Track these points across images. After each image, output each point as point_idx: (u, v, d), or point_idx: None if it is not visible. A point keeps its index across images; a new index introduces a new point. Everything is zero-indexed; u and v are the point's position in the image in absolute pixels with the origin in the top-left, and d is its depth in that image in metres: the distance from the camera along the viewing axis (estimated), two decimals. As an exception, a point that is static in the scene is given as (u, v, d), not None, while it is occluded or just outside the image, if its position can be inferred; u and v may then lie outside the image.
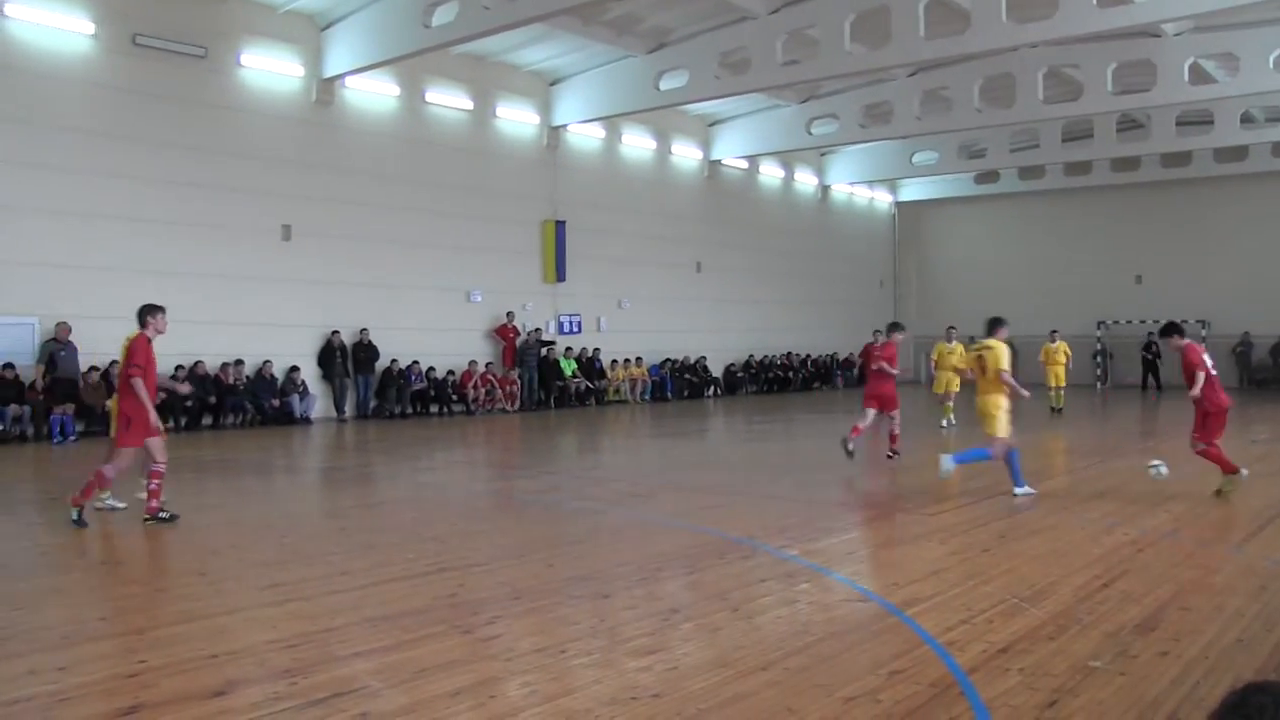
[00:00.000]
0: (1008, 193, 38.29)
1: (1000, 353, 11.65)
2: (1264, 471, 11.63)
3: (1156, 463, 11.55)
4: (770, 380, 33.53)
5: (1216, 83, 24.73)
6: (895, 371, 15.33)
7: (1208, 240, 35.36)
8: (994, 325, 12.06)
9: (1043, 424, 22.27)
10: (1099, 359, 36.43)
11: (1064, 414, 23.57)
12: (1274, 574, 7.83)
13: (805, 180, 37.09)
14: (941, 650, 5.90)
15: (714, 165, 32.55)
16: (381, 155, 23.71)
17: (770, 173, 35.45)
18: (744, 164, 33.93)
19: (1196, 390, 11.16)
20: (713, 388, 31.53)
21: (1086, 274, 37.53)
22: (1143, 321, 35.48)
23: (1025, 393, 11.73)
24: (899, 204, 41.89)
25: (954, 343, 21.92)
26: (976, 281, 39.94)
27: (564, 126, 27.46)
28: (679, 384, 30.19)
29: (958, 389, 21.33)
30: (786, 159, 35.50)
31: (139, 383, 9.91)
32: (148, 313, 10.27)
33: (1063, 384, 24.09)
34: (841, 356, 37.36)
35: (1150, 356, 34.04)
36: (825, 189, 37.93)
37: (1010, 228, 39.82)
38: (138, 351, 10.01)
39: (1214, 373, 11.38)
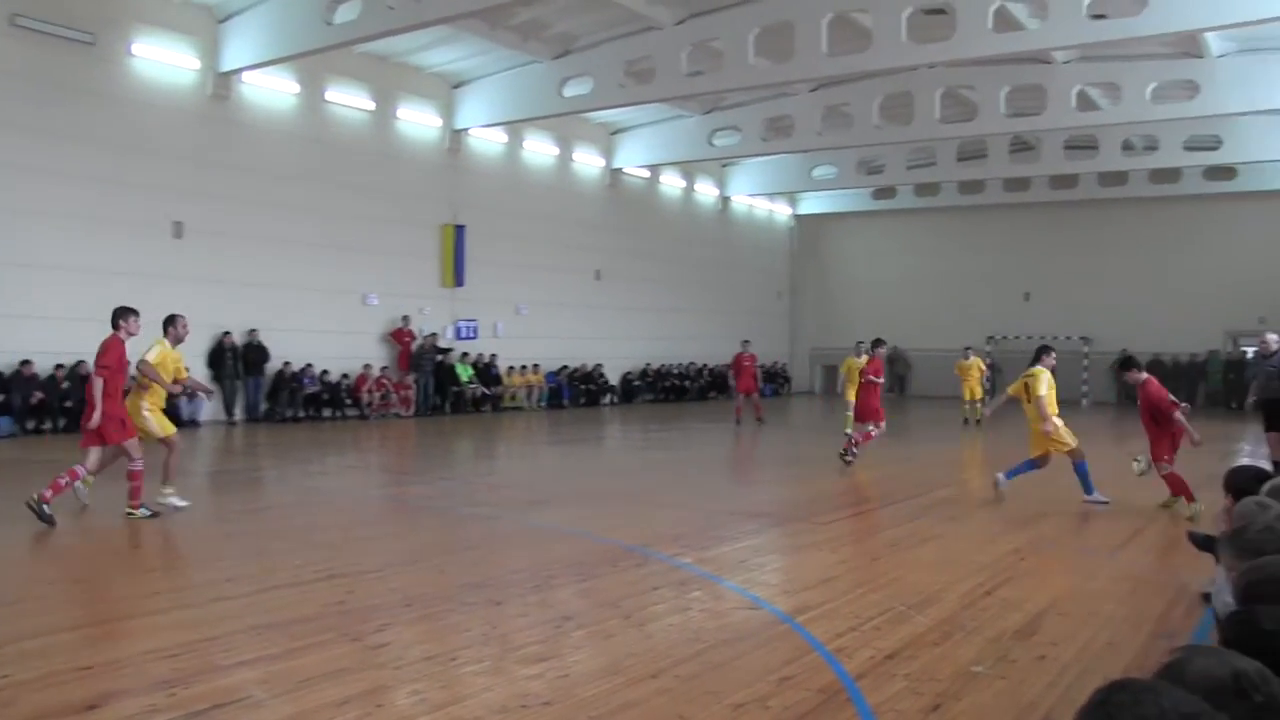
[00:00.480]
0: (904, 208, 39.05)
1: (1040, 379, 12.18)
2: (1140, 484, 12.04)
3: (1138, 459, 11.80)
4: (667, 389, 33.68)
5: (1101, 110, 25.58)
6: (880, 381, 16.36)
7: (1091, 260, 36.56)
8: (1040, 353, 12.52)
9: (947, 436, 22.77)
10: (988, 373, 37.39)
11: (976, 425, 24.10)
12: (1143, 579, 8.12)
13: (706, 191, 37.37)
14: (830, 657, 5.99)
15: (615, 174, 32.62)
16: (279, 153, 23.25)
17: (671, 183, 35.65)
18: (645, 173, 34.06)
19: (1179, 420, 11.40)
20: (609, 395, 31.56)
21: (978, 290, 38.50)
22: (1030, 338, 36.48)
23: (1049, 426, 12.10)
24: (798, 217, 42.42)
25: (863, 356, 22.31)
26: (872, 294, 40.72)
27: (466, 130, 27.26)
28: (576, 391, 30.17)
29: None
30: (688, 169, 35.74)
31: (99, 383, 9.99)
32: (120, 316, 10.41)
33: (979, 398, 24.88)
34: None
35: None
36: (726, 200, 38.26)
37: (906, 243, 40.60)
38: (108, 352, 10.12)
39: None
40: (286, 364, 23.07)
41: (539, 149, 29.96)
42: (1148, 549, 9.51)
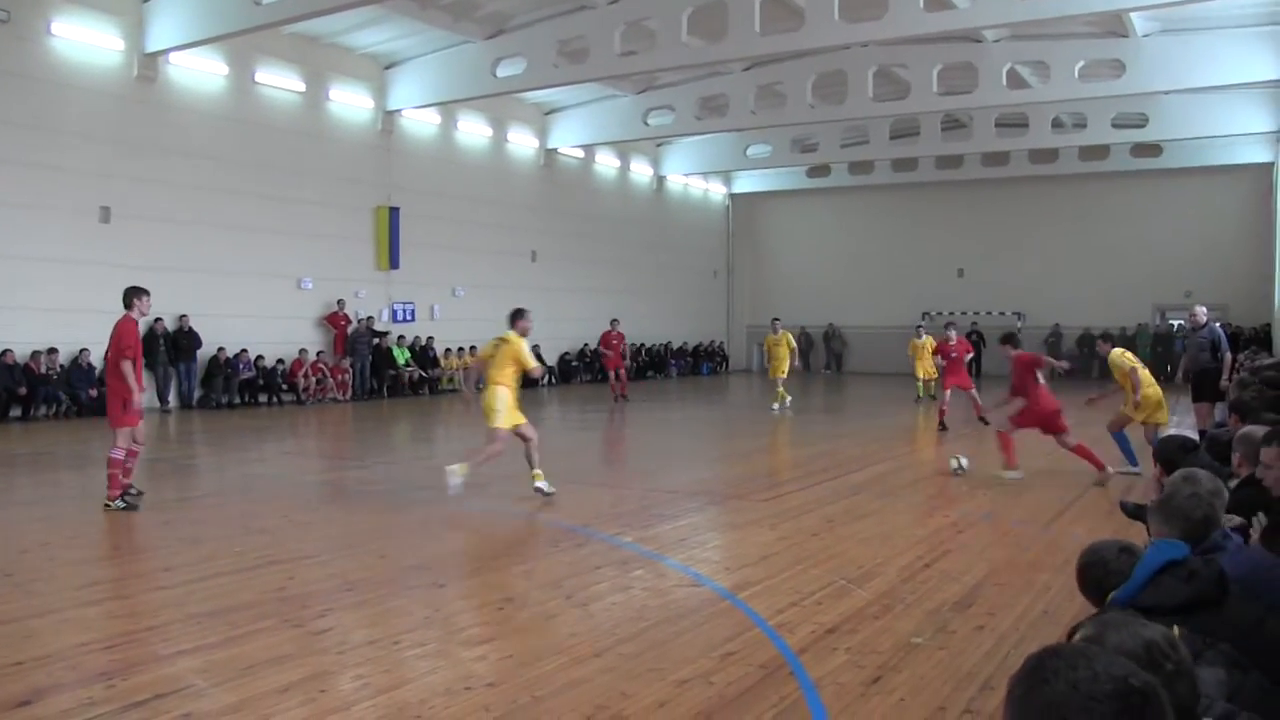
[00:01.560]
0: (838, 187, 39.18)
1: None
2: (1070, 456, 12.27)
3: (958, 460, 12.47)
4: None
5: (1031, 88, 25.91)
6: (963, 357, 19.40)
7: (1023, 236, 37.10)
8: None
9: (882, 411, 23.01)
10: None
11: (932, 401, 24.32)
12: (1077, 548, 8.24)
13: (641, 170, 37.37)
14: (772, 632, 6.06)
15: (550, 154, 32.48)
16: (208, 136, 22.79)
17: (606, 162, 35.61)
18: (580, 153, 33.95)
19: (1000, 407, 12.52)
20: (547, 377, 31.53)
21: (912, 267, 38.89)
22: (964, 313, 37.00)
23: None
24: (733, 195, 42.54)
25: (780, 332, 22.59)
26: (808, 272, 41.01)
27: (399, 111, 26.98)
28: (515, 373, 30.04)
29: (785, 374, 22.06)
30: (623, 149, 35.69)
31: (129, 365, 10.21)
32: (134, 295, 10.40)
33: (933, 375, 24.63)
34: (676, 345, 37.82)
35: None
36: (661, 179, 38.27)
37: (840, 221, 40.87)
38: (127, 334, 10.23)
39: (1042, 381, 12.46)
40: (220, 350, 22.74)
41: (473, 130, 29.75)
42: (1080, 520, 9.70)
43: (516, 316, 11.29)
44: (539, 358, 30.83)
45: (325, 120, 25.50)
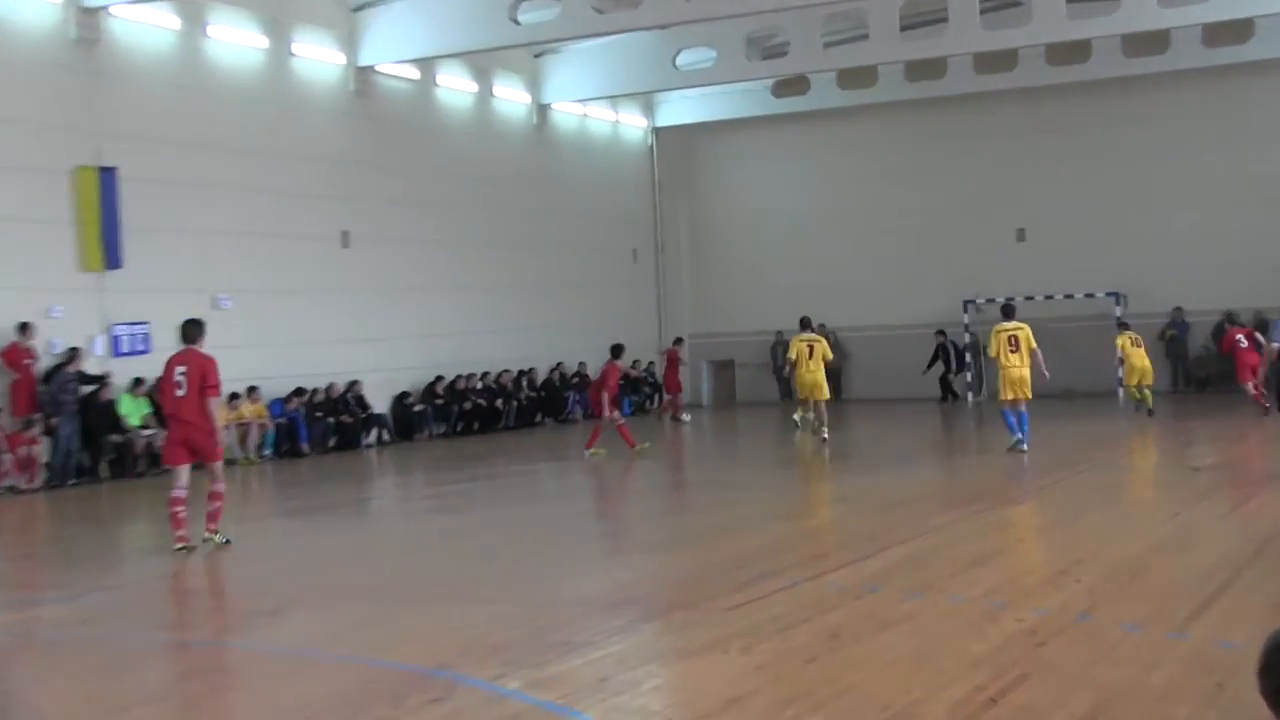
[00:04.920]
0: (823, 109, 39.45)
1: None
2: (1212, 514, 12.41)
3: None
4: (468, 414, 33.53)
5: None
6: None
7: (1119, 177, 37.34)
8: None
9: (907, 458, 23.12)
10: (965, 357, 37.73)
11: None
12: (1233, 664, 8.31)
13: (512, 96, 37.42)
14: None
15: (365, 75, 32.25)
16: None
17: (456, 85, 35.52)
18: (414, 73, 33.81)
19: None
20: (375, 430, 31.39)
21: (945, 230, 39.11)
22: (1030, 298, 37.23)
23: None
24: (659, 130, 42.76)
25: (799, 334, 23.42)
26: (780, 247, 41.06)
27: (106, 8, 26.58)
28: (320, 427, 29.81)
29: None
30: (481, 64, 35.58)
31: (214, 402, 15.98)
32: (201, 330, 16.19)
33: (1149, 381, 27.58)
34: (573, 372, 37.62)
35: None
36: (544, 109, 38.28)
37: (827, 162, 41.11)
38: (215, 371, 15.98)
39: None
40: None
41: (234, 38, 29.42)
42: (1236, 616, 9.76)
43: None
44: (358, 400, 30.80)
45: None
